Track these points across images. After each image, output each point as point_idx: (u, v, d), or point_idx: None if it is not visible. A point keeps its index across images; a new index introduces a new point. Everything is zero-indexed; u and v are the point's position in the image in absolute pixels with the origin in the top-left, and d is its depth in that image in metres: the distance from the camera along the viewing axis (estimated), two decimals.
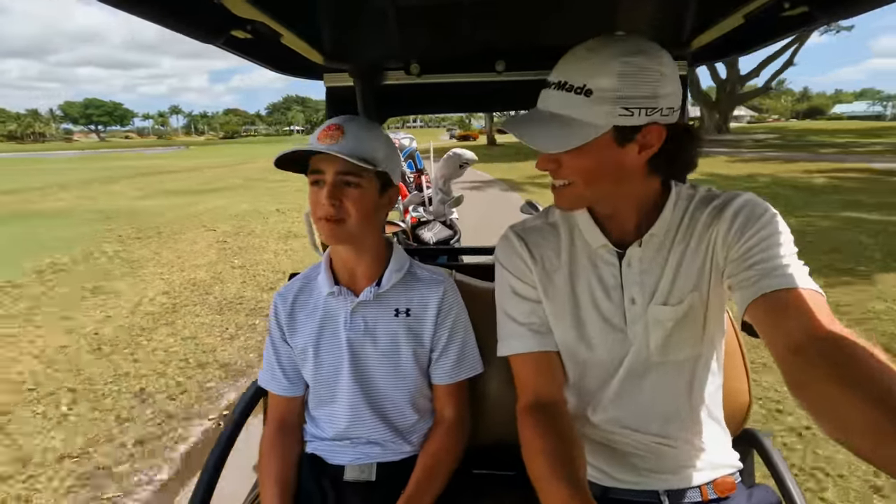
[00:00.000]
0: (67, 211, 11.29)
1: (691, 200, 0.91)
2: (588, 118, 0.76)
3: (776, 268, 0.75)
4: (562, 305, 0.95)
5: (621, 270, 0.91)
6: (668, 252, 0.90)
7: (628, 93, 0.75)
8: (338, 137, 0.98)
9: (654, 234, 0.89)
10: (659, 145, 0.80)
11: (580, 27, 1.06)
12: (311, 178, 1.02)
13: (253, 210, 10.37)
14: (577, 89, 0.76)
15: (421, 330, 1.13)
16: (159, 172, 23.08)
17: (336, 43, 1.24)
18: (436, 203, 3.53)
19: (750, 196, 0.87)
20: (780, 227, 0.81)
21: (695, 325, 0.91)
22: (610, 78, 0.74)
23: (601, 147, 0.78)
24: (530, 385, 0.91)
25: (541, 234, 0.98)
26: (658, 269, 0.90)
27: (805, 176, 12.85)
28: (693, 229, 0.89)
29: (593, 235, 0.93)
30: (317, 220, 1.03)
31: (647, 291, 0.90)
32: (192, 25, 0.81)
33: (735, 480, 0.99)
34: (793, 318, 0.69)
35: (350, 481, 1.10)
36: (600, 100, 0.75)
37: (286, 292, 1.18)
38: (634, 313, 0.91)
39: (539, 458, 0.80)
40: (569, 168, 0.82)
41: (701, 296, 0.89)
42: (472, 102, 1.56)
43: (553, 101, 0.80)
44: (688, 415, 0.96)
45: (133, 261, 6.66)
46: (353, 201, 1.01)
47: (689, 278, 0.89)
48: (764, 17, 0.95)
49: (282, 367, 1.16)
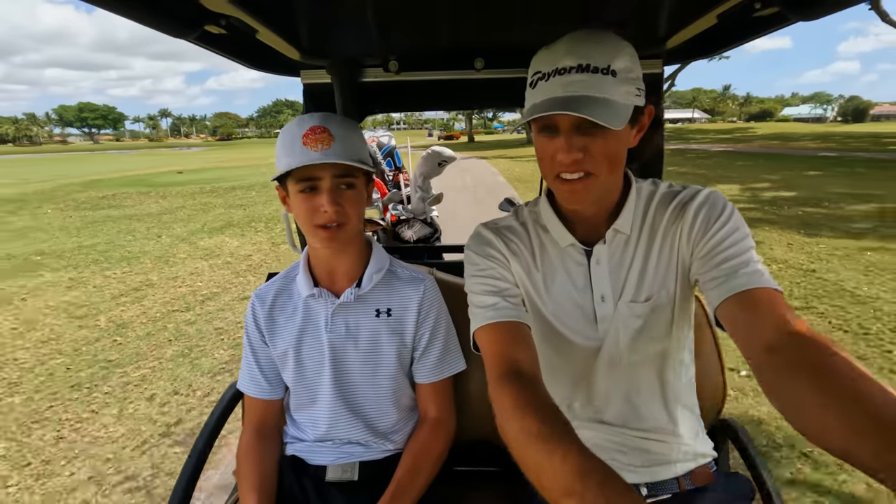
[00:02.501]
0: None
1: (653, 196, 0.89)
2: (618, 98, 0.73)
3: (741, 265, 0.75)
4: (540, 299, 0.92)
5: (590, 268, 0.89)
6: (634, 249, 0.88)
7: (637, 73, 0.75)
8: (328, 142, 0.93)
9: (619, 230, 0.87)
10: (647, 126, 0.80)
11: (558, 25, 1.03)
12: (301, 185, 0.95)
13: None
14: (603, 70, 0.72)
15: (402, 329, 1.08)
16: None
17: (313, 39, 1.19)
18: (415, 201, 3.44)
19: (710, 191, 0.85)
20: (739, 222, 0.81)
21: (664, 320, 0.89)
22: (624, 58, 0.73)
23: (626, 129, 0.76)
24: (505, 353, 0.79)
25: (513, 233, 0.94)
26: (625, 266, 0.88)
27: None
28: (657, 226, 0.87)
29: (560, 234, 0.90)
30: (314, 227, 0.97)
31: (616, 288, 0.89)
32: (164, 20, 0.77)
33: (711, 470, 0.98)
34: (762, 319, 0.68)
35: (333, 481, 1.06)
36: (624, 80, 0.73)
37: (264, 294, 1.11)
38: (604, 310, 0.89)
39: (524, 419, 0.64)
40: (598, 154, 0.76)
41: (668, 293, 0.88)
42: (451, 100, 1.52)
43: (580, 85, 0.73)
44: (662, 408, 0.94)
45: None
46: (352, 203, 0.98)
47: (656, 275, 0.87)
48: (737, 17, 0.94)
49: (261, 370, 1.11)
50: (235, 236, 7.68)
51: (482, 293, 0.88)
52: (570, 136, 0.76)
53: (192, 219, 9.51)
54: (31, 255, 6.90)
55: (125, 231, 8.53)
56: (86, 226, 9.19)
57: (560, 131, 0.76)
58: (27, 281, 5.56)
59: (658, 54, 1.25)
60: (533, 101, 0.79)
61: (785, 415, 0.61)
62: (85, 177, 21.13)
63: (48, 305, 4.70)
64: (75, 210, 11.29)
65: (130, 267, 6.08)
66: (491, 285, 0.88)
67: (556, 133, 0.77)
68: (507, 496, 1.13)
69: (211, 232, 8.07)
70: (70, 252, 7.04)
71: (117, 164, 35.18)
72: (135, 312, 4.41)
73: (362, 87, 1.42)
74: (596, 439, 0.96)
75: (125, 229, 8.67)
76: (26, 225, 9.46)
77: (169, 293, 4.98)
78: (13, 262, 6.52)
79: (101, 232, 8.52)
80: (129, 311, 4.46)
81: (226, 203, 11.46)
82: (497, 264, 0.91)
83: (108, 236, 8.08)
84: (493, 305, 0.85)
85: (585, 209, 0.87)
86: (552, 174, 0.81)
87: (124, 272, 5.85)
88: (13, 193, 14.94)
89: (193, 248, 7.01)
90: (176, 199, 12.60)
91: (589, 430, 0.96)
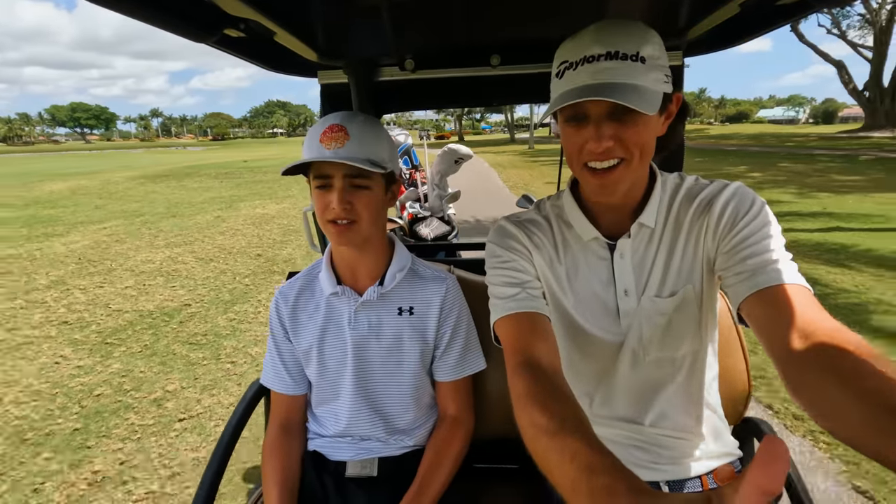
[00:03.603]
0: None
1: (678, 190, 0.86)
2: (648, 84, 0.71)
3: (768, 262, 0.71)
4: (563, 293, 0.90)
5: (613, 262, 0.87)
6: (658, 243, 0.85)
7: (664, 60, 0.73)
8: (343, 140, 0.92)
9: (644, 223, 0.84)
10: (675, 114, 0.78)
11: (574, 19, 1.02)
12: (318, 182, 0.95)
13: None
14: (632, 57, 0.70)
15: (424, 328, 1.08)
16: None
17: (330, 40, 1.18)
18: (432, 199, 3.41)
19: (738, 186, 0.82)
20: (769, 218, 0.77)
21: (690, 317, 0.87)
22: (653, 45, 0.71)
23: (655, 116, 0.74)
24: (523, 343, 0.77)
25: (536, 226, 0.92)
26: (649, 261, 0.86)
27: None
28: (682, 220, 0.84)
29: (584, 228, 0.87)
30: (326, 223, 0.97)
31: (640, 283, 0.86)
32: (184, 24, 0.77)
33: (735, 469, 0.94)
34: (787, 316, 0.65)
35: (352, 477, 1.06)
36: (653, 66, 0.71)
37: (287, 291, 1.11)
38: (627, 305, 0.87)
39: (536, 411, 0.63)
40: (630, 142, 0.74)
41: (694, 288, 0.85)
42: (467, 97, 1.49)
43: (610, 72, 0.71)
44: (685, 406, 0.92)
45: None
46: (364, 203, 0.96)
47: (681, 271, 0.85)
48: (759, 5, 0.91)
49: (285, 366, 1.10)
50: (305, 190, 12.69)
51: (503, 284, 0.86)
52: (600, 124, 0.73)
53: (281, 182, 15.03)
54: (214, 198, 12.24)
55: (256, 189, 13.92)
56: (235, 186, 14.99)
57: (590, 119, 0.74)
58: (223, 212, 10.03)
59: (678, 45, 1.21)
60: (560, 90, 0.76)
61: (811, 414, 0.59)
62: (168, 166, 26.59)
63: (246, 215, 9.57)
64: (215, 179, 17.40)
65: (266, 201, 11.32)
66: (512, 277, 0.86)
67: (586, 122, 0.74)
68: (527, 493, 1.13)
69: (303, 188, 12.33)
70: (241, 196, 12.29)
71: (150, 158, 37.15)
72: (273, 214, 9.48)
73: (379, 87, 1.41)
74: (616, 436, 0.94)
75: (255, 189, 13.89)
76: (201, 185, 15.43)
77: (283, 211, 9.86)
78: (219, 201, 11.68)
79: (244, 188, 14.21)
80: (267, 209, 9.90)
81: (294, 179, 17.16)
82: (519, 256, 0.88)
83: (250, 191, 13.53)
84: (514, 296, 0.84)
85: (614, 201, 0.83)
86: (580, 164, 0.78)
87: (271, 203, 11.06)
88: (160, 171, 22.11)
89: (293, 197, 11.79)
90: (266, 175, 18.25)
91: (609, 427, 0.94)
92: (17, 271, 5.86)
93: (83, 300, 4.75)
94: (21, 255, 6.67)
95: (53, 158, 45.00)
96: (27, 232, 8.44)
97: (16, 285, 5.29)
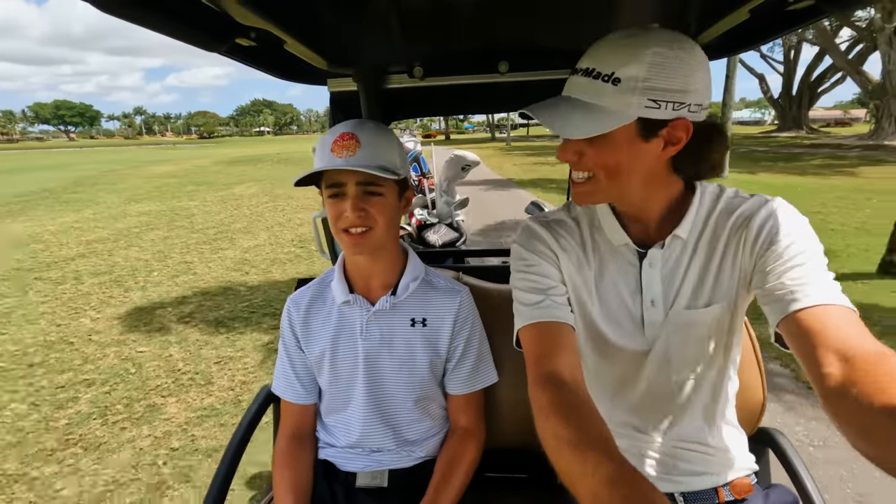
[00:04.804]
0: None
1: (717, 203, 0.81)
2: (613, 107, 0.67)
3: (808, 283, 0.67)
4: (589, 298, 0.85)
5: (641, 271, 0.82)
6: (691, 256, 0.80)
7: (657, 84, 0.66)
8: (354, 148, 0.89)
9: (678, 235, 0.79)
10: (684, 142, 0.71)
11: (582, 26, 1.01)
12: (330, 191, 0.92)
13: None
14: (605, 77, 0.68)
15: (437, 340, 1.03)
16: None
17: (339, 48, 1.15)
18: (441, 205, 3.38)
19: (779, 202, 0.77)
20: (809, 236, 0.73)
21: (719, 333, 0.83)
22: (640, 67, 0.66)
23: (625, 139, 0.70)
24: (545, 355, 0.75)
25: (564, 228, 0.87)
26: (680, 273, 0.81)
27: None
28: (720, 235, 0.79)
29: (615, 233, 0.83)
30: (340, 232, 0.93)
31: (669, 294, 0.81)
32: (196, 34, 0.77)
33: (751, 482, 0.91)
34: (826, 338, 0.62)
35: (362, 487, 1.02)
36: (628, 89, 0.66)
37: (299, 299, 1.06)
38: (653, 315, 0.82)
39: (560, 423, 0.63)
40: (591, 160, 0.73)
41: (728, 305, 0.80)
42: (476, 104, 1.46)
43: (579, 88, 0.71)
44: (704, 419, 0.89)
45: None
46: (378, 210, 0.93)
47: (715, 285, 0.80)
48: (770, 11, 0.88)
49: (297, 375, 1.05)
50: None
51: (527, 290, 0.83)
52: (563, 137, 0.73)
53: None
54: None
55: (299, 170, 17.91)
56: (301, 168, 18.19)
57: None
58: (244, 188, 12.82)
59: None
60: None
61: (851, 440, 0.55)
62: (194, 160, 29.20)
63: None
64: (279, 164, 21.29)
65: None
66: (536, 283, 0.83)
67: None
68: (538, 503, 1.11)
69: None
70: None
71: (166, 154, 37.72)
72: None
73: (388, 94, 1.38)
74: (631, 446, 0.90)
75: (298, 170, 17.60)
76: (275, 167, 19.08)
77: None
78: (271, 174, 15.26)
79: (310, 166, 18.74)
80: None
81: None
82: (544, 260, 0.84)
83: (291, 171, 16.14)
84: (537, 304, 0.80)
85: (626, 207, 0.82)
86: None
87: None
88: (221, 160, 25.64)
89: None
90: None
91: (627, 438, 0.90)
92: (233, 203, 10.24)
93: (284, 209, 9.61)
94: (226, 197, 11.21)
95: (71, 154, 42.80)
96: (206, 187, 12.85)
97: (241, 210, 9.54)
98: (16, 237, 7.64)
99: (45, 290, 4.94)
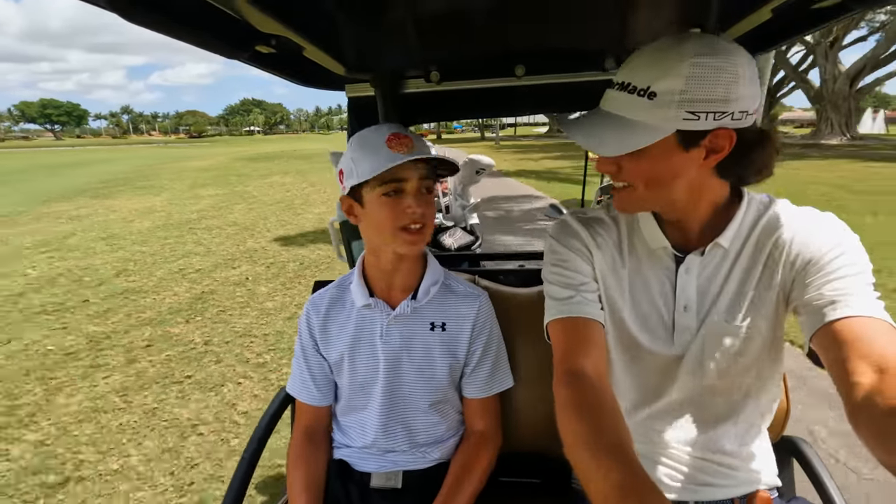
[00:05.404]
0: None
1: (764, 214, 0.78)
2: (650, 121, 0.67)
3: (849, 293, 0.65)
4: (620, 298, 0.84)
5: (677, 275, 0.80)
6: (731, 266, 0.78)
7: (695, 96, 0.64)
8: (410, 145, 0.90)
9: (720, 244, 0.77)
10: (728, 150, 0.69)
11: (599, 29, 1.01)
12: (387, 188, 0.90)
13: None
14: (641, 91, 0.67)
15: (456, 345, 1.03)
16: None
17: (357, 54, 1.16)
18: (455, 209, 3.37)
19: (830, 217, 0.75)
20: (859, 251, 0.70)
21: (760, 347, 0.79)
22: (676, 80, 0.64)
23: (663, 151, 0.69)
24: (572, 351, 0.75)
25: (602, 225, 0.86)
26: (719, 282, 0.78)
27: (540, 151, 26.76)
28: (763, 247, 0.76)
29: (654, 235, 0.81)
30: (397, 230, 0.92)
31: (704, 303, 0.79)
32: (217, 42, 0.78)
33: (771, 496, 0.87)
34: (859, 349, 0.59)
35: (376, 488, 1.03)
36: (664, 103, 0.65)
37: (319, 301, 1.07)
38: (685, 321, 0.80)
39: (579, 422, 0.64)
40: (629, 172, 0.72)
41: (768, 320, 0.78)
42: (492, 107, 1.47)
43: (614, 103, 0.71)
44: (731, 431, 0.85)
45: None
46: (430, 206, 0.95)
47: (755, 299, 0.77)
48: (793, 9, 0.86)
49: (313, 377, 1.06)
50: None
51: (558, 284, 0.82)
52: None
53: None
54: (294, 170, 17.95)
55: (317, 166, 18.56)
56: (323, 166, 18.59)
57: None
58: (282, 179, 15.04)
59: None
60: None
61: (877, 455, 0.54)
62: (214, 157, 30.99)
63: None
64: (299, 160, 22.74)
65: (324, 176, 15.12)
66: (568, 277, 0.82)
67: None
68: None
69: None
70: (330, 167, 16.69)
71: (180, 153, 38.07)
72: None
73: (405, 98, 1.39)
74: (652, 452, 0.88)
75: (316, 165, 18.86)
76: (297, 163, 20.72)
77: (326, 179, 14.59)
78: (323, 169, 16.99)
79: (326, 162, 18.23)
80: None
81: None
82: (578, 256, 0.84)
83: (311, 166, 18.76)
84: (568, 299, 0.80)
85: (633, 211, 0.82)
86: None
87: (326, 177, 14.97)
88: (251, 154, 29.20)
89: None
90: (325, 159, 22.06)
91: (647, 443, 0.88)
92: (281, 188, 12.42)
93: (324, 191, 11.80)
94: (273, 183, 13.52)
95: (76, 153, 42.07)
96: (246, 178, 15.10)
97: (292, 192, 11.80)
98: (135, 209, 9.75)
99: (207, 234, 7.38)
